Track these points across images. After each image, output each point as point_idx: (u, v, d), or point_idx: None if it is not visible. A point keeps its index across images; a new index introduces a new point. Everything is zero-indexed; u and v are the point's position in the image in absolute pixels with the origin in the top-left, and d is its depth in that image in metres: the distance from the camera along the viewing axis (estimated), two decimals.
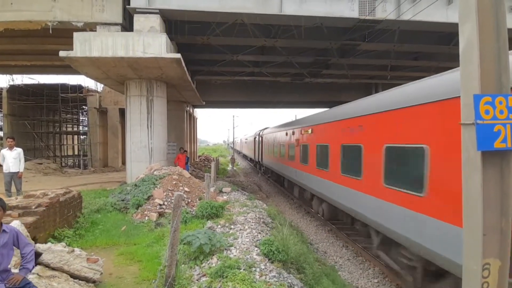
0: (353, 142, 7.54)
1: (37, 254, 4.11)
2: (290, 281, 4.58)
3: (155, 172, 10.73)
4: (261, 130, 26.46)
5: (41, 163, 21.61)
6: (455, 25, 2.33)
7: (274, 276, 4.49)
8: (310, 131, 11.28)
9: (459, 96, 2.27)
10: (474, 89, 2.10)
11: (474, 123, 2.05)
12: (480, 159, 2.09)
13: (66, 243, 5.06)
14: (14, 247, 3.20)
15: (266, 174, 24.46)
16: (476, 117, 2.04)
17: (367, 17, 11.35)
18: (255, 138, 28.99)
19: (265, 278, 4.40)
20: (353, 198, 7.38)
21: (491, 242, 2.19)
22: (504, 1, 2.25)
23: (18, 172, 9.04)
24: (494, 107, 2.06)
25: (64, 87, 24.04)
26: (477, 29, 2.14)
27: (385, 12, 11.42)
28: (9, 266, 3.17)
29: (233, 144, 60.59)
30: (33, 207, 5.47)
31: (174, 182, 9.86)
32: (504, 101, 2.07)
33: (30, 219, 5.16)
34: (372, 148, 6.53)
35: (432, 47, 14.90)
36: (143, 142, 13.03)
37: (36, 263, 4.01)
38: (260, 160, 25.97)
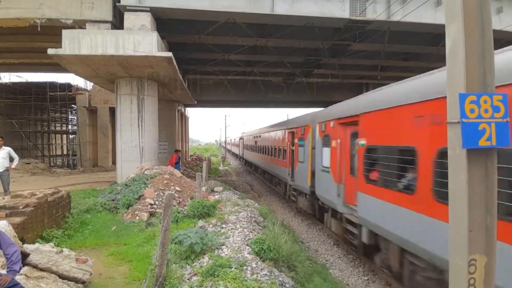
0: None
1: (25, 255, 4.04)
2: (281, 279, 4.61)
3: (146, 172, 10.65)
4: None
5: (29, 163, 21.19)
6: (443, 26, 2.38)
7: (266, 275, 4.51)
8: None
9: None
10: (460, 88, 2.15)
11: (460, 121, 2.09)
12: (466, 157, 2.13)
13: (54, 244, 4.98)
14: None
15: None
16: (462, 116, 2.09)
17: (358, 18, 11.46)
18: (293, 133, 12.67)
19: (257, 276, 4.42)
20: None
21: (476, 238, 2.23)
22: (490, 2, 2.31)
23: (7, 167, 8.87)
24: (479, 106, 2.10)
25: (52, 86, 23.62)
26: (462, 29, 2.18)
27: (375, 13, 11.54)
28: None
29: (225, 144, 60.40)
30: (21, 207, 5.38)
31: (165, 182, 9.80)
32: (489, 100, 2.12)
33: (17, 219, 5.07)
34: None
35: (421, 48, 15.13)
36: (134, 141, 12.91)
37: (24, 264, 3.94)
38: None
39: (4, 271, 3.17)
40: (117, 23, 11.45)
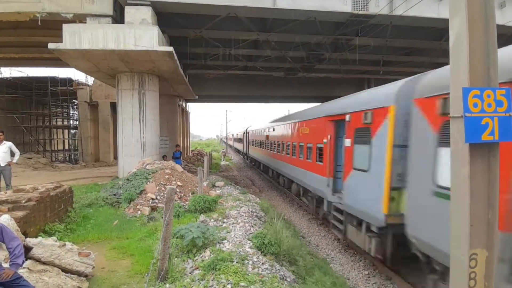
0: None
1: (28, 249, 4.07)
2: (282, 273, 4.64)
3: (147, 167, 10.67)
4: None
5: (31, 158, 21.26)
6: (446, 21, 2.36)
7: (267, 269, 4.54)
8: None
9: None
10: (463, 83, 2.14)
11: (463, 116, 2.08)
12: (468, 151, 2.13)
13: (57, 238, 5.02)
14: (0, 242, 3.16)
15: None
16: (465, 110, 2.08)
17: (360, 12, 11.36)
18: None
19: (258, 270, 4.44)
20: None
21: (478, 232, 2.23)
22: None
23: (8, 162, 8.90)
24: (482, 100, 2.09)
25: (53, 80, 23.60)
26: (466, 23, 2.16)
27: (378, 7, 11.44)
28: None
29: (226, 139, 60.51)
30: (23, 202, 5.40)
31: (167, 177, 9.82)
32: (492, 95, 2.11)
33: (20, 213, 5.10)
34: None
35: (424, 43, 15.01)
36: (135, 136, 12.92)
37: (27, 258, 3.97)
38: None
39: (7, 265, 3.20)
40: (118, 17, 11.38)
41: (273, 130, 17.12)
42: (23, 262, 3.33)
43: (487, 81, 2.17)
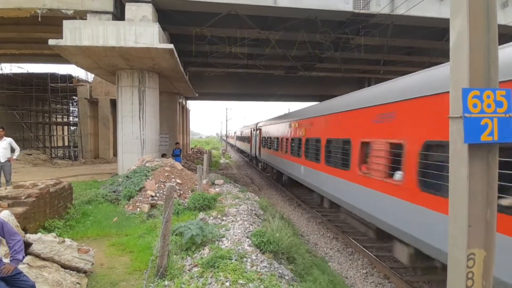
0: None
1: (27, 244, 4.08)
2: (280, 271, 4.66)
3: (147, 164, 10.67)
4: None
5: (31, 154, 21.26)
6: (448, 21, 2.35)
7: (265, 266, 4.56)
8: None
9: None
10: (463, 83, 2.13)
11: (462, 116, 2.08)
12: (467, 151, 2.13)
13: (56, 234, 5.03)
14: (0, 238, 3.17)
15: None
16: (464, 111, 2.07)
17: (361, 11, 11.34)
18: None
19: (256, 268, 4.46)
20: None
21: (476, 232, 2.24)
22: None
23: (8, 158, 8.90)
24: (482, 100, 2.09)
25: (53, 77, 23.55)
26: (467, 23, 2.16)
27: (379, 6, 11.42)
28: None
29: (226, 137, 60.47)
30: (23, 198, 5.42)
31: (167, 174, 9.83)
32: (492, 95, 2.11)
33: (20, 209, 5.11)
34: None
35: (425, 42, 14.99)
36: (135, 133, 12.93)
37: (26, 253, 3.98)
38: None
39: (7, 260, 3.21)
40: (118, 14, 11.36)
41: None
42: (23, 257, 3.34)
43: (487, 81, 2.17)
